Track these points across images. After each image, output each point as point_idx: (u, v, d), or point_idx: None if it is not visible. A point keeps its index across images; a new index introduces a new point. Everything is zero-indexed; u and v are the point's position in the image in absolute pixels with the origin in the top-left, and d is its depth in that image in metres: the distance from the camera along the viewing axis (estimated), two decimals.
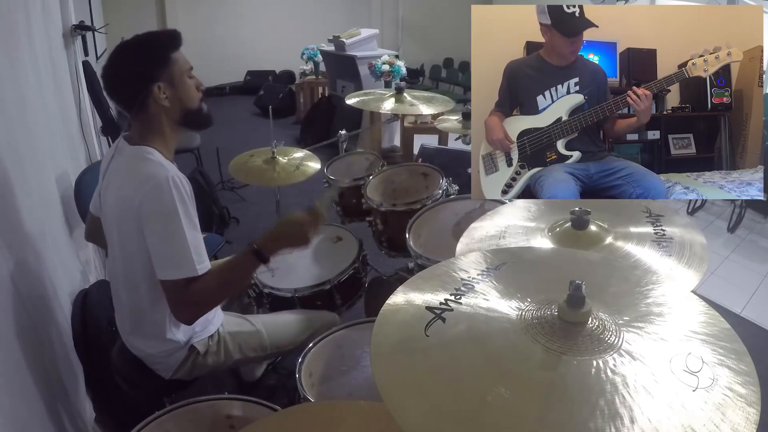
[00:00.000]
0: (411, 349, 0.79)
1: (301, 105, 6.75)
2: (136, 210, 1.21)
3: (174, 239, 1.19)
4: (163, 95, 1.27)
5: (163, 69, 1.27)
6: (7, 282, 1.29)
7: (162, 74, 1.26)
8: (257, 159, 2.40)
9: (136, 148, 1.27)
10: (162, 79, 1.26)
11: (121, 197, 1.25)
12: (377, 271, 2.40)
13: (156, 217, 1.19)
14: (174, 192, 1.20)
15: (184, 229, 1.20)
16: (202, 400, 1.23)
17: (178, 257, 1.19)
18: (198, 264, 1.21)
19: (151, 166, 1.23)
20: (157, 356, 1.41)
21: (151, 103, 1.26)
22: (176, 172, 1.25)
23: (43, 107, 2.02)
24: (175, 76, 1.29)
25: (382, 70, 4.70)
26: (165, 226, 1.19)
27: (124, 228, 1.25)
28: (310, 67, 6.54)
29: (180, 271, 1.19)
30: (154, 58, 1.27)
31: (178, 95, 1.29)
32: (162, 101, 1.27)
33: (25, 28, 1.92)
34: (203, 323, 1.44)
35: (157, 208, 1.19)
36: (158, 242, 1.20)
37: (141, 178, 1.21)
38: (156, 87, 1.25)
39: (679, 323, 0.81)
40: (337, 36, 5.20)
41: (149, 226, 1.20)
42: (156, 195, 1.19)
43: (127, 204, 1.22)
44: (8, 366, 1.21)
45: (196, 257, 1.21)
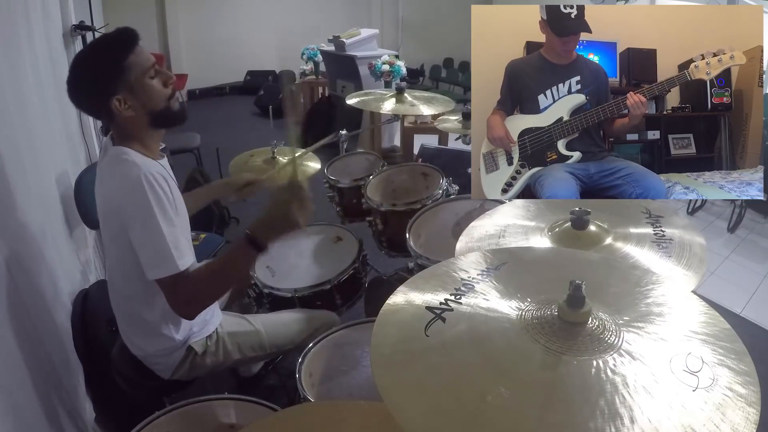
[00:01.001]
0: (411, 349, 0.79)
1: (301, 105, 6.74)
2: (116, 211, 1.21)
3: (153, 238, 1.18)
4: (125, 106, 1.22)
5: (118, 80, 1.20)
6: (7, 282, 1.29)
7: (118, 86, 1.20)
8: (257, 159, 2.40)
9: (114, 149, 1.26)
10: (120, 91, 1.20)
11: (104, 198, 1.26)
12: (377, 271, 2.40)
13: (134, 217, 1.19)
14: (147, 190, 1.17)
15: (161, 225, 1.18)
16: (202, 400, 1.23)
17: (160, 255, 1.18)
18: (179, 260, 1.19)
19: (125, 166, 1.21)
20: (155, 355, 1.41)
21: (115, 113, 1.23)
22: (150, 169, 1.21)
23: (43, 107, 2.02)
24: (134, 83, 1.22)
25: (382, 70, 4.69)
26: (143, 226, 1.18)
27: (111, 229, 1.26)
28: (310, 67, 6.53)
29: (163, 268, 1.19)
30: (107, 70, 1.20)
31: (141, 101, 1.23)
32: (124, 112, 1.22)
33: (25, 28, 1.92)
34: (201, 323, 1.44)
35: (134, 207, 1.18)
36: (140, 242, 1.20)
37: (118, 178, 1.21)
38: (115, 101, 1.21)
39: (679, 323, 0.81)
40: (337, 36, 5.20)
41: (131, 227, 1.20)
42: (131, 195, 1.18)
43: (109, 205, 1.24)
44: (8, 366, 1.21)
45: (176, 253, 1.19)
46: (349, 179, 2.37)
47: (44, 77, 2.13)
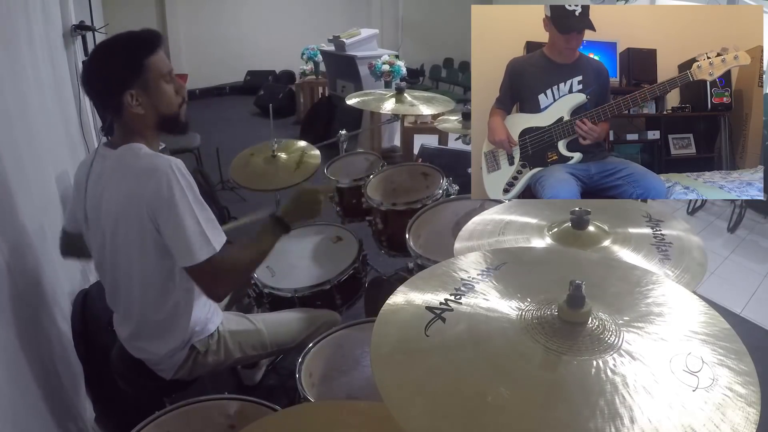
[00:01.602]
0: (411, 349, 0.79)
1: (301, 105, 6.75)
2: (143, 207, 1.20)
3: (190, 225, 1.20)
4: (136, 102, 1.23)
5: (136, 76, 1.22)
6: (7, 281, 1.29)
7: (135, 81, 1.22)
8: (257, 158, 2.40)
9: (124, 148, 1.26)
10: (135, 86, 1.22)
11: (123, 197, 1.22)
12: (377, 271, 2.40)
13: (168, 207, 1.19)
14: (180, 178, 1.20)
15: (196, 212, 1.21)
16: (202, 400, 1.23)
17: (198, 241, 1.20)
18: (214, 241, 1.22)
19: (148, 158, 1.23)
20: (160, 357, 1.41)
21: (126, 109, 1.24)
22: (172, 158, 1.24)
23: (43, 107, 2.02)
24: (150, 83, 1.24)
25: (382, 70, 4.70)
26: (181, 215, 1.19)
27: (129, 229, 1.24)
28: (310, 67, 6.53)
29: (201, 253, 1.20)
30: (127, 64, 1.22)
31: (153, 102, 1.26)
32: (134, 109, 1.23)
33: (25, 28, 1.92)
34: (203, 322, 1.44)
35: (168, 198, 1.18)
36: (176, 232, 1.20)
37: (142, 172, 1.20)
38: (128, 95, 1.22)
39: (679, 323, 0.81)
40: (337, 36, 5.20)
41: (163, 219, 1.20)
42: (163, 185, 1.18)
43: (132, 202, 1.21)
44: (8, 366, 1.21)
45: (212, 235, 1.22)
46: (349, 179, 2.37)
47: (44, 77, 2.13)
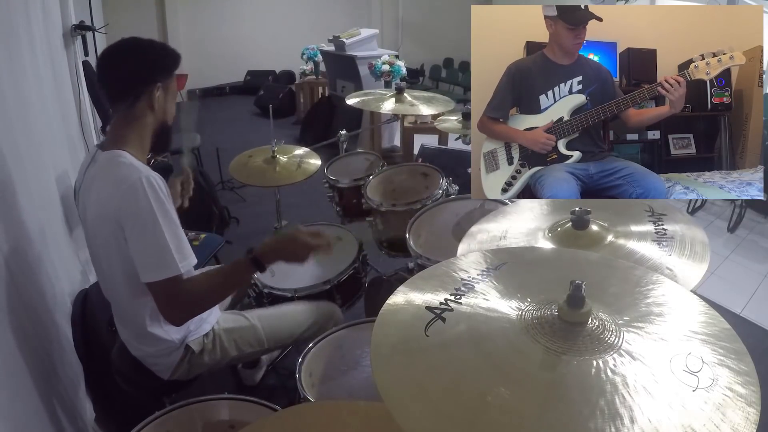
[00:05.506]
0: (411, 349, 0.79)
1: (301, 105, 6.75)
2: (113, 215, 1.20)
3: (154, 240, 1.18)
4: (158, 95, 1.31)
5: (168, 74, 1.35)
6: (6, 281, 1.29)
7: (166, 78, 1.34)
8: (257, 159, 2.40)
9: (108, 153, 1.26)
10: (164, 83, 1.33)
11: (98, 203, 1.24)
12: (377, 271, 2.40)
13: (134, 219, 1.18)
14: (149, 192, 1.19)
15: (163, 228, 1.19)
16: (202, 401, 1.23)
17: (160, 258, 1.18)
18: (180, 262, 1.20)
19: (124, 168, 1.22)
20: (155, 356, 1.41)
21: (144, 100, 1.29)
22: (149, 172, 1.23)
23: (43, 107, 2.02)
24: (171, 88, 1.37)
25: (382, 70, 4.70)
26: (143, 228, 1.18)
27: (104, 233, 1.24)
28: (310, 67, 6.53)
29: (163, 271, 1.19)
30: (161, 63, 1.33)
31: (167, 104, 1.37)
32: (156, 101, 1.31)
33: (25, 28, 1.92)
34: (197, 322, 1.44)
35: (134, 210, 1.18)
36: (138, 245, 1.19)
37: (115, 181, 1.21)
38: (156, 86, 1.30)
39: (679, 323, 0.81)
40: (337, 36, 5.20)
41: (128, 230, 1.19)
42: (131, 197, 1.18)
43: (104, 209, 1.22)
44: (8, 366, 1.21)
45: (178, 256, 1.20)
46: (349, 179, 2.37)
47: (44, 77, 2.13)
